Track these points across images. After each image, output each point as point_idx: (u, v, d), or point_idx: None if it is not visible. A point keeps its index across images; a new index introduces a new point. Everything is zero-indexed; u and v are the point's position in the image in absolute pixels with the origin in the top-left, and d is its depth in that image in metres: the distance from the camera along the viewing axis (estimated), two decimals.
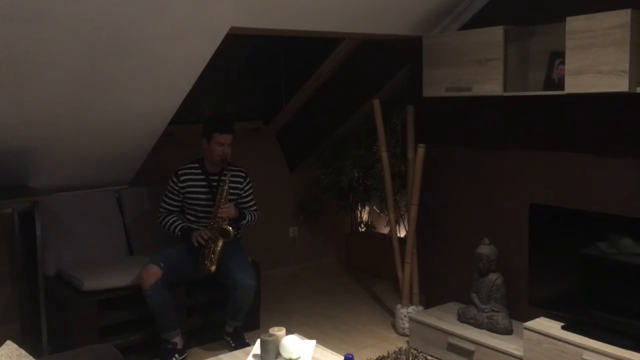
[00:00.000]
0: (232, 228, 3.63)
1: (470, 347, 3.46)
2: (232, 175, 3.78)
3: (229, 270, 3.66)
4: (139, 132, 3.84)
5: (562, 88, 3.06)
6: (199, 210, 3.78)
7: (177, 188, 3.78)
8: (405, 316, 4.02)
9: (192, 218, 3.82)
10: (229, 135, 3.71)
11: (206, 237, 3.62)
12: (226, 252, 3.66)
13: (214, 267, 3.64)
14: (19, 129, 3.32)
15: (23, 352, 2.07)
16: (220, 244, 3.63)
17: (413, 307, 4.05)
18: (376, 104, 4.01)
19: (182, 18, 2.99)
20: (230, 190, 3.75)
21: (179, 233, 3.77)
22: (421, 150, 3.87)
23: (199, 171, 3.79)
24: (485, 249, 3.56)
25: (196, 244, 3.64)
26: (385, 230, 5.46)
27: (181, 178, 3.77)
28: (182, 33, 3.10)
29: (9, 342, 2.09)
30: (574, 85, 2.99)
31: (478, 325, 3.56)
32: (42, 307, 3.55)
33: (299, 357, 2.65)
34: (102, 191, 4.17)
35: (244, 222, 3.83)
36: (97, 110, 3.46)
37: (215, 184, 3.72)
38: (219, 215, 3.63)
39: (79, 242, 3.95)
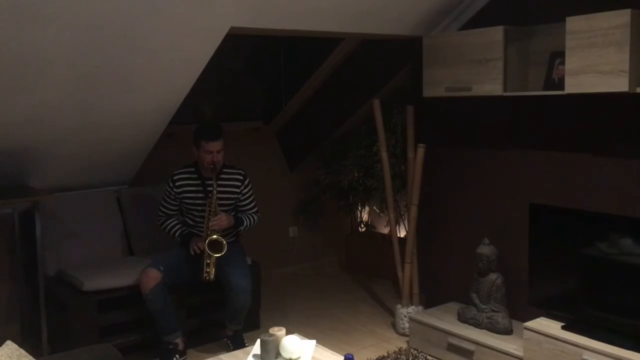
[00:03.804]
0: (230, 235, 3.63)
1: (470, 347, 3.46)
2: (229, 179, 3.77)
3: (224, 272, 3.64)
4: (139, 132, 3.84)
5: (562, 88, 3.06)
6: (196, 215, 3.77)
7: (173, 193, 3.76)
8: (405, 316, 4.02)
9: (190, 222, 3.81)
10: (217, 142, 3.62)
11: (202, 248, 3.60)
12: (224, 253, 3.64)
13: (212, 276, 3.62)
14: (19, 129, 3.32)
15: (23, 352, 2.07)
16: (214, 256, 3.59)
17: (413, 307, 4.05)
18: (376, 104, 4.01)
19: (182, 18, 2.99)
20: (227, 195, 3.75)
21: (179, 239, 3.78)
22: (421, 150, 3.87)
23: (195, 175, 3.76)
24: (485, 249, 3.56)
25: (192, 253, 3.64)
26: (385, 230, 5.46)
27: (177, 183, 3.75)
28: (182, 33, 3.11)
29: (9, 342, 2.09)
30: (574, 85, 2.99)
31: (478, 325, 3.56)
32: (42, 307, 3.55)
33: (299, 357, 2.65)
34: (102, 191, 4.18)
35: (242, 227, 3.82)
36: (97, 110, 3.46)
37: (210, 188, 3.68)
38: (210, 228, 3.61)
39: (79, 242, 3.95)
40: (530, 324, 3.24)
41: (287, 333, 2.73)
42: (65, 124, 3.44)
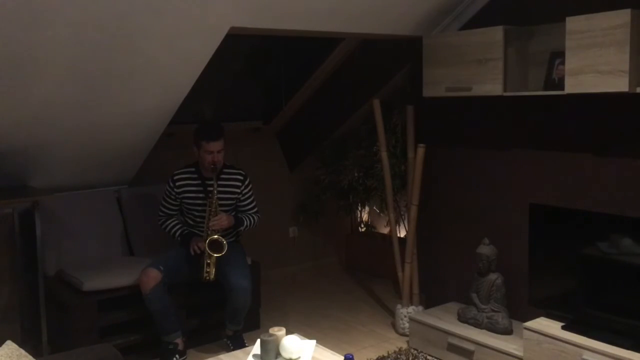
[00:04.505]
0: (230, 235, 3.64)
1: (470, 347, 3.46)
2: (230, 179, 3.77)
3: (224, 272, 3.64)
4: (139, 132, 3.84)
5: (562, 88, 3.06)
6: (196, 215, 3.77)
7: (173, 193, 3.76)
8: (405, 316, 4.02)
9: (191, 222, 3.81)
10: (217, 142, 3.63)
11: (202, 248, 3.60)
12: (224, 253, 3.64)
13: (212, 276, 3.61)
14: (19, 129, 3.32)
15: (23, 352, 2.07)
16: (215, 256, 3.58)
17: (413, 307, 4.05)
18: (376, 104, 4.01)
19: (183, 18, 2.99)
20: (228, 195, 3.75)
21: (179, 238, 3.77)
22: (421, 150, 3.87)
23: (195, 175, 3.76)
24: (485, 249, 3.56)
25: (193, 253, 3.64)
26: (385, 230, 5.46)
27: (177, 183, 3.75)
28: (183, 33, 3.10)
29: (9, 342, 2.09)
30: (574, 85, 2.99)
31: (478, 325, 3.56)
32: (42, 307, 3.55)
33: (299, 357, 2.65)
34: (102, 191, 4.18)
35: (242, 228, 3.82)
36: (97, 111, 3.46)
37: (210, 189, 3.68)
38: (210, 228, 3.61)
39: (79, 242, 3.95)
40: (530, 324, 3.24)
41: (287, 333, 2.73)
42: (66, 124, 3.44)
